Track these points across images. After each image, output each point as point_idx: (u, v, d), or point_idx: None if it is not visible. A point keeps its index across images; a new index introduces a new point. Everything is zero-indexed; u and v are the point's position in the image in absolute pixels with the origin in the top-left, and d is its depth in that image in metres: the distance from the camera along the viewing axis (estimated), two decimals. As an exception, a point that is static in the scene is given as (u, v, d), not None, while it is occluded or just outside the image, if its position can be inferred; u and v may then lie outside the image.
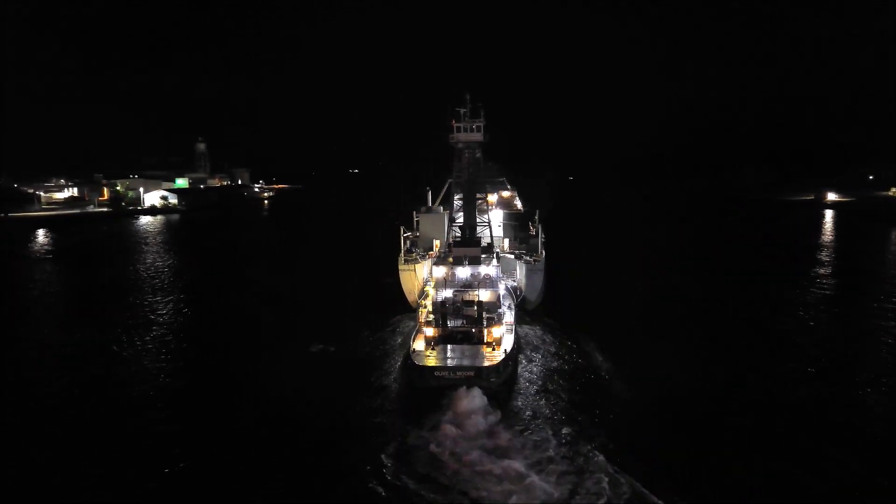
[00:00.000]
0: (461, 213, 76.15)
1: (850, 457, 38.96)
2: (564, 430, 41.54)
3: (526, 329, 66.71)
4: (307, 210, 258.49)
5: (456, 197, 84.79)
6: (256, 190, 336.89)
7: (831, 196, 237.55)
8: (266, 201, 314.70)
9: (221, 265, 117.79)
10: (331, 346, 60.81)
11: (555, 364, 56.03)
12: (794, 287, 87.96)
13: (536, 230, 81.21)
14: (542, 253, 76.76)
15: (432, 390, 46.66)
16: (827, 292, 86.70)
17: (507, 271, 77.57)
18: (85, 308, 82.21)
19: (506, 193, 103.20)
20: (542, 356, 58.50)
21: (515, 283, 76.20)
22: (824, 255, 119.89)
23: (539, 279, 73.65)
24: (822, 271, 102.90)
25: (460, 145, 72.91)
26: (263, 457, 39.52)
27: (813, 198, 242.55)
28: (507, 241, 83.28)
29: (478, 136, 72.24)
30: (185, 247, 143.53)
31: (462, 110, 72.29)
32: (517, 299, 72.20)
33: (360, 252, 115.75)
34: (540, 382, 51.47)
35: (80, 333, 68.57)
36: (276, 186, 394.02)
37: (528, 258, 75.15)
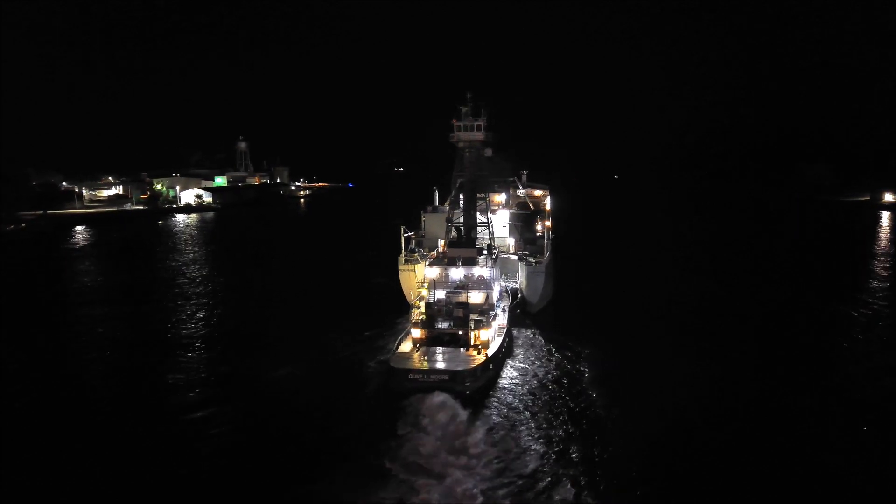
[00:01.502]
0: (461, 214, 74.41)
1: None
2: (525, 441, 39.93)
3: (523, 332, 64.74)
4: (340, 209, 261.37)
5: (461, 197, 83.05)
6: (294, 188, 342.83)
7: (888, 197, 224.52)
8: (303, 200, 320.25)
9: (228, 266, 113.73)
10: (315, 351, 58.52)
11: (542, 370, 53.86)
12: (840, 299, 79.84)
13: (544, 231, 78.75)
14: (546, 254, 74.33)
15: (407, 393, 45.56)
16: (875, 307, 76.71)
17: (509, 273, 75.61)
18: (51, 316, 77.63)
19: (537, 192, 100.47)
20: (532, 361, 56.40)
21: (517, 285, 74.12)
22: (879, 264, 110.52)
23: (540, 281, 71.32)
24: (875, 283, 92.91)
25: (461, 144, 71.19)
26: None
27: (869, 198, 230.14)
28: (511, 241, 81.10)
29: (479, 136, 70.27)
30: (200, 247, 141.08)
31: (463, 109, 70.51)
32: (516, 301, 70.24)
33: (372, 252, 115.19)
34: (519, 388, 49.56)
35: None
36: (315, 185, 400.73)
37: (530, 259, 72.96)
